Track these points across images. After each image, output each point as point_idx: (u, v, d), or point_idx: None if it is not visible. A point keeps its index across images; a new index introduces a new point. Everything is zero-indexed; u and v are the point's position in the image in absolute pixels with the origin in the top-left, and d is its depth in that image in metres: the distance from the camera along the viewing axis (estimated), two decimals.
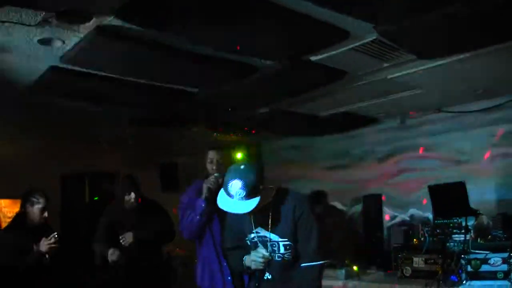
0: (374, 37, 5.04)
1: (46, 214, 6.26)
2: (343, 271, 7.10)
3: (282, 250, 4.04)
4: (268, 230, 4.06)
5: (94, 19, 4.53)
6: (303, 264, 4.03)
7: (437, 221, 6.74)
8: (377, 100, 7.42)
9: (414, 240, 7.21)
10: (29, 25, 4.59)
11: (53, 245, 6.06)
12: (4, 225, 8.27)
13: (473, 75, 6.37)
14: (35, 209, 6.19)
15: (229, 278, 5.07)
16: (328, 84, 6.55)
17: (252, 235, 4.14)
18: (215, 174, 5.25)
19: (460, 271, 5.93)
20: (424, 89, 6.86)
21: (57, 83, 6.25)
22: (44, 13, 4.38)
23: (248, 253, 4.20)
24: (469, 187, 6.66)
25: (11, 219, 6.96)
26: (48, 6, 4.29)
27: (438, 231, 6.68)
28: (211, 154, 5.56)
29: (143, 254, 6.54)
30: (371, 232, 8.27)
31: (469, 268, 5.89)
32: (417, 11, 4.43)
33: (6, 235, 6.32)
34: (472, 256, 5.97)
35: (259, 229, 4.10)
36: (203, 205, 5.10)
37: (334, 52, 5.41)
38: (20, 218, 6.32)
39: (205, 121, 8.66)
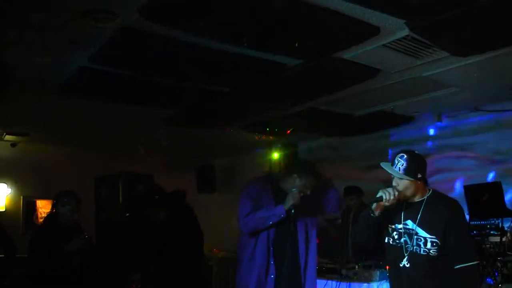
0: (406, 34, 4.92)
1: (76, 215, 6.27)
2: (378, 272, 6.97)
3: (428, 245, 4.16)
4: (417, 224, 4.23)
5: (119, 19, 4.51)
6: (458, 266, 4.11)
7: (473, 222, 6.57)
8: (412, 99, 7.28)
9: None
10: (56, 26, 4.59)
11: (83, 246, 6.07)
12: None
13: (510, 72, 6.20)
14: (66, 210, 6.20)
15: (272, 276, 5.14)
16: (362, 82, 6.46)
17: (400, 226, 4.31)
18: (294, 190, 5.12)
19: (496, 274, 5.78)
20: (459, 87, 6.71)
21: (87, 84, 6.28)
22: (70, 13, 4.38)
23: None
24: (506, 188, 6.51)
25: (42, 220, 6.98)
26: (73, 6, 4.28)
27: (474, 232, 6.53)
28: (302, 181, 5.18)
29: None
30: None
31: (505, 271, 5.75)
32: (449, 5, 4.32)
33: (38, 235, 6.33)
34: (508, 258, 5.84)
35: (408, 222, 4.27)
36: (282, 215, 5.07)
37: (365, 49, 5.32)
38: (51, 219, 6.33)
39: (238, 122, 8.61)
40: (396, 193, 4.12)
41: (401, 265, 4.27)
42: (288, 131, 9.34)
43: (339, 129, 9.34)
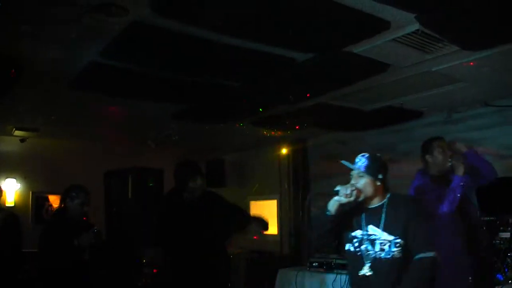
0: (416, 28, 4.92)
1: (86, 209, 6.29)
2: None
3: (392, 248, 4.10)
4: (379, 229, 4.19)
5: (131, 13, 4.51)
6: (415, 257, 4.07)
7: (484, 218, 6.54)
8: (422, 94, 7.29)
9: None
10: (67, 20, 4.60)
11: (93, 240, 6.09)
12: None
13: None
14: (75, 204, 6.22)
15: None
16: (371, 77, 6.46)
17: (361, 232, 4.27)
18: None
19: (506, 270, 5.77)
20: (469, 82, 6.69)
21: (98, 79, 6.29)
22: (81, 8, 4.39)
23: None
24: None
25: (52, 215, 6.99)
26: (85, 1, 4.29)
27: (484, 228, 6.49)
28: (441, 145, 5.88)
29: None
30: None
31: None
32: None
33: (48, 230, 6.35)
34: None
35: (369, 228, 4.24)
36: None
37: (375, 44, 5.30)
38: (61, 213, 6.35)
39: (248, 117, 8.61)
40: (353, 189, 4.14)
41: (360, 274, 4.19)
42: (298, 126, 9.33)
43: (348, 124, 9.32)
